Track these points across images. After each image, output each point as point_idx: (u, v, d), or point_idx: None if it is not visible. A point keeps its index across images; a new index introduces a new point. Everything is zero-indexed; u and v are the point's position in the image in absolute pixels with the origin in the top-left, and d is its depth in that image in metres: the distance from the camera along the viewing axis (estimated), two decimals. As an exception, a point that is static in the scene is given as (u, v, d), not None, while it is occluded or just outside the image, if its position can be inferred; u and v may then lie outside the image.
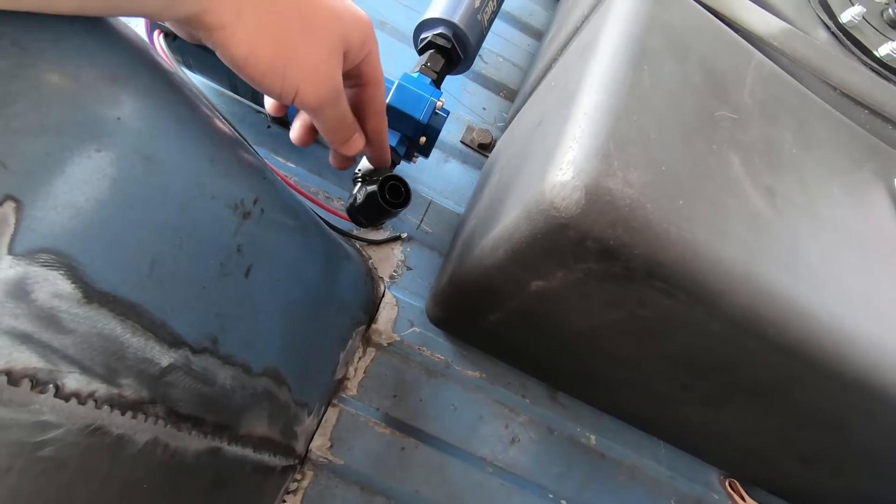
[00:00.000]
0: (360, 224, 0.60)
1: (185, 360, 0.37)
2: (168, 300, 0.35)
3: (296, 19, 0.32)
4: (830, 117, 0.45)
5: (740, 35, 0.45)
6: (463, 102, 0.79)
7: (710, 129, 0.37)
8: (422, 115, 0.57)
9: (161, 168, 0.33)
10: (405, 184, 0.46)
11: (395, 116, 0.58)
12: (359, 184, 0.55)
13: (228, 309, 0.40)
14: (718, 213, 0.34)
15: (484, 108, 0.80)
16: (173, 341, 0.36)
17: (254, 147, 0.55)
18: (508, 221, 0.38)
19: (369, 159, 0.51)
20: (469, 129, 0.77)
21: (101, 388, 0.31)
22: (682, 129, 0.36)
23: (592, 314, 0.41)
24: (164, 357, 0.35)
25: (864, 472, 0.48)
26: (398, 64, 0.78)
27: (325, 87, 0.35)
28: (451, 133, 0.76)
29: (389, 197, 0.46)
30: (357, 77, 0.40)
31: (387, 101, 0.57)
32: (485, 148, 0.75)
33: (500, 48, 0.85)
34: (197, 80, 0.65)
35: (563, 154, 0.33)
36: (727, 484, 0.67)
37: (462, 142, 0.76)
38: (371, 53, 0.38)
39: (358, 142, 0.42)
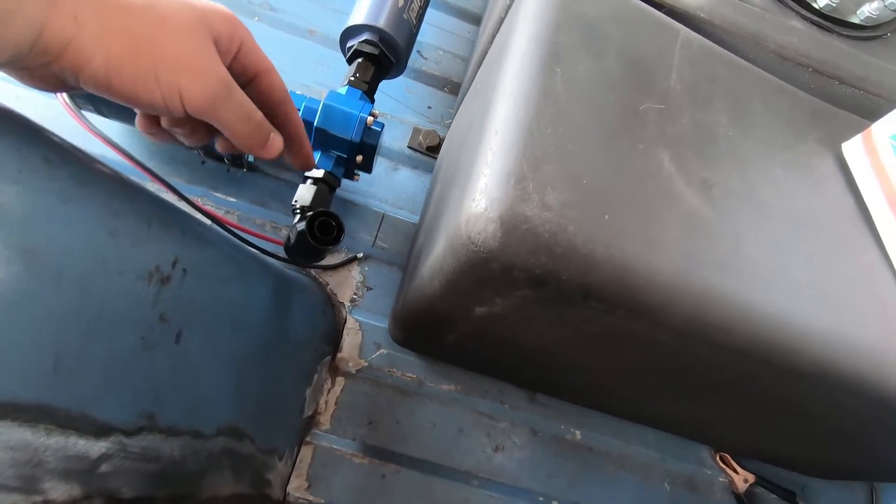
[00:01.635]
0: (300, 263, 0.58)
1: (118, 446, 0.35)
2: (84, 391, 0.33)
3: (145, 13, 0.28)
4: (769, 87, 0.42)
5: (664, 12, 0.42)
6: (406, 104, 0.76)
7: (635, 127, 0.35)
8: (352, 134, 0.54)
9: (47, 257, 0.30)
10: (335, 217, 0.44)
11: (326, 139, 0.55)
12: (297, 216, 0.52)
13: (162, 381, 0.38)
14: (649, 221, 0.32)
15: (429, 107, 0.77)
16: (100, 430, 0.34)
17: (179, 192, 0.53)
18: (437, 253, 0.36)
19: (293, 164, 0.40)
20: (416, 131, 0.74)
21: (20, 501, 0.29)
22: (604, 133, 0.33)
23: (542, 333, 0.40)
24: (93, 448, 0.33)
25: (843, 446, 0.47)
26: (333, 74, 0.75)
27: (211, 78, 0.30)
28: (396, 139, 0.73)
29: (319, 234, 0.43)
30: (241, 73, 0.34)
31: (314, 123, 0.54)
32: (434, 150, 0.72)
33: (438, 40, 0.82)
34: (117, 126, 0.61)
35: (475, 182, 0.31)
36: (718, 458, 0.66)
37: (409, 147, 0.73)
38: (245, 42, 0.33)
39: (276, 141, 0.36)
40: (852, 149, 0.40)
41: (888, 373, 0.33)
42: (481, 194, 0.30)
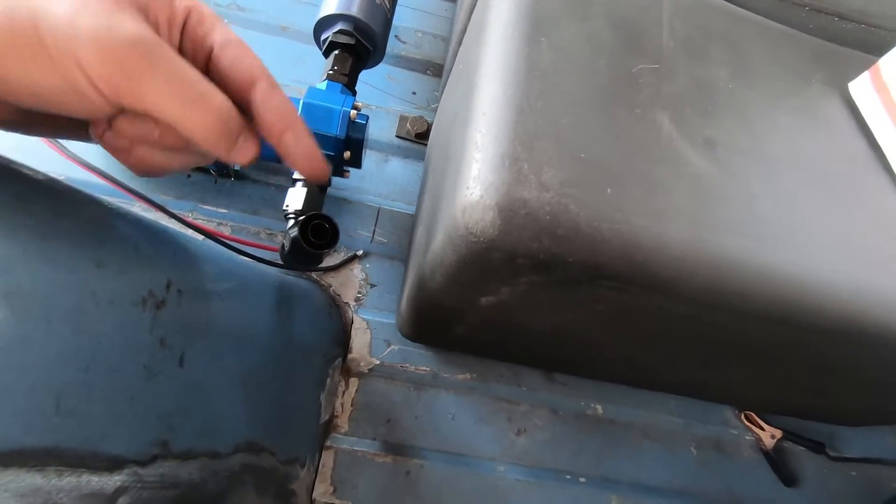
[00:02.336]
0: (298, 269, 0.57)
1: (134, 477, 0.34)
2: (91, 427, 0.32)
3: None
4: (768, 32, 0.40)
5: (649, -35, 0.39)
6: (390, 92, 0.74)
7: (630, 91, 0.33)
8: (337, 130, 0.53)
9: (33, 298, 0.29)
10: (328, 219, 0.42)
11: (310, 138, 0.53)
12: (290, 221, 0.51)
13: (171, 406, 0.37)
14: (654, 189, 0.30)
15: (414, 93, 0.74)
16: (113, 464, 0.33)
17: (166, 209, 0.51)
18: (436, 246, 0.35)
19: (297, 169, 0.27)
20: (402, 119, 0.71)
21: (39, 547, 0.28)
22: (598, 101, 0.32)
23: (553, 316, 0.38)
24: (108, 483, 0.33)
25: (870, 395, 0.46)
26: (312, 71, 0.72)
27: (118, 35, 0.20)
28: (383, 130, 0.71)
29: (314, 238, 0.42)
30: (196, 51, 0.24)
31: (296, 123, 0.52)
32: (423, 137, 0.70)
33: (415, 22, 0.79)
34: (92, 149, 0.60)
35: (467, 168, 0.29)
36: (743, 417, 0.66)
37: (398, 136, 0.71)
38: (194, 9, 0.24)
39: (249, 144, 0.25)
40: (860, 87, 0.38)
41: (918, 321, 0.31)
42: (475, 181, 0.28)
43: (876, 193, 0.35)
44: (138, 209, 0.57)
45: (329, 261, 0.63)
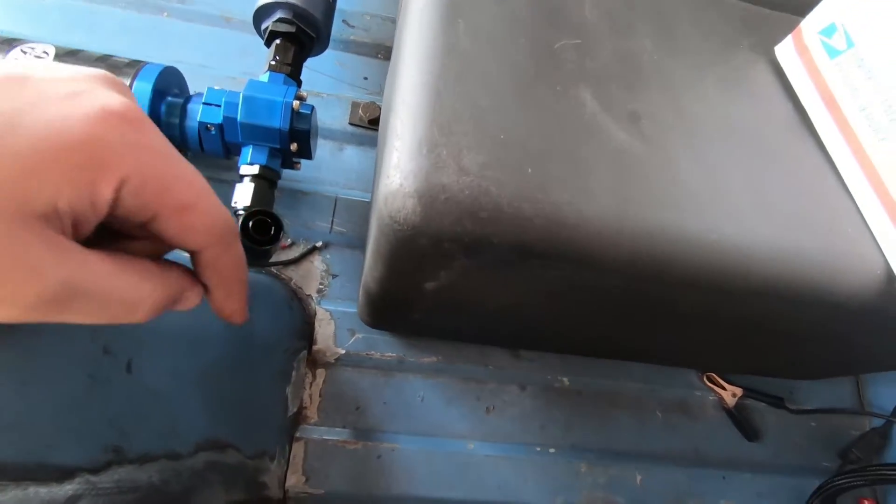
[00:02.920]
0: (251, 266, 0.56)
1: (87, 485, 0.35)
2: (34, 440, 0.32)
3: None
4: (693, 2, 0.40)
5: (572, -64, 0.39)
6: (340, 79, 0.72)
7: (551, 69, 0.33)
8: (280, 123, 0.52)
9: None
10: (270, 214, 0.42)
11: (254, 132, 0.52)
12: (238, 219, 0.50)
13: (122, 412, 0.37)
14: (577, 166, 0.30)
15: (365, 78, 0.73)
16: (62, 475, 0.33)
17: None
18: (372, 235, 0.35)
19: (211, 304, 0.27)
20: (354, 106, 0.71)
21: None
22: (518, 81, 0.32)
23: (497, 295, 0.39)
24: (58, 494, 0.33)
25: (818, 350, 0.48)
26: (259, 62, 0.70)
27: (34, 289, 0.17)
28: (336, 118, 0.70)
29: (256, 235, 0.42)
30: (130, 216, 0.19)
31: (237, 118, 0.52)
32: (376, 122, 0.69)
33: (363, 5, 0.77)
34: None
35: (388, 157, 0.29)
36: (705, 379, 0.68)
37: (351, 123, 0.70)
38: (131, 178, 0.18)
39: (193, 297, 0.24)
40: (784, 51, 0.38)
41: (841, 279, 0.33)
42: (395, 170, 0.28)
43: (799, 155, 0.36)
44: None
45: (288, 254, 0.63)
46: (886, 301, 0.33)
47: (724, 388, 0.67)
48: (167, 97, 0.54)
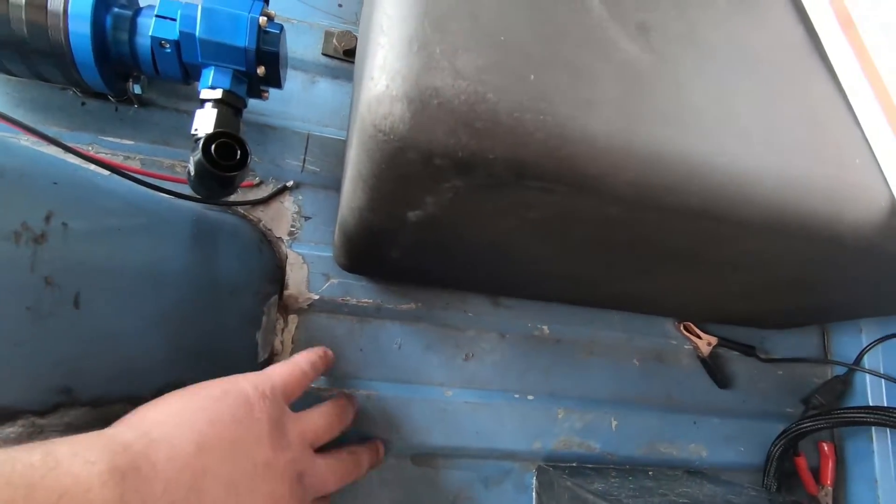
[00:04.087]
0: (215, 200, 0.52)
1: (32, 427, 0.31)
2: (-35, 377, 0.28)
3: None
4: None
5: None
6: (313, 5, 0.66)
7: (556, -32, 0.29)
8: (245, 41, 0.46)
9: None
10: (234, 137, 0.38)
11: (215, 50, 0.47)
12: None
13: (70, 351, 0.34)
14: (581, 77, 0.27)
15: (340, 5, 0.67)
16: (3, 416, 0.30)
17: (59, 142, 0.45)
18: (353, 156, 0.31)
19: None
20: (328, 35, 0.65)
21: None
22: (519, -23, 0.28)
23: (485, 227, 0.36)
24: (-1, 436, 0.29)
25: (796, 295, 0.48)
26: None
27: None
28: (308, 47, 0.64)
29: (220, 160, 0.37)
30: None
31: (196, 34, 0.46)
32: (351, 54, 0.64)
33: (337, -78, 0.70)
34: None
35: (372, 57, 0.26)
36: (682, 328, 0.68)
37: (325, 54, 0.64)
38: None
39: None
40: (800, -29, 0.35)
41: (842, 209, 0.31)
42: (380, 71, 0.25)
43: (808, 81, 0.34)
44: (26, 143, 0.50)
45: (257, 193, 0.58)
46: (887, 235, 0.32)
47: (699, 337, 0.68)
48: (113, 8, 0.48)
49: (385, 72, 0.25)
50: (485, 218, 0.34)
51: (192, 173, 0.40)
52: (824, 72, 0.34)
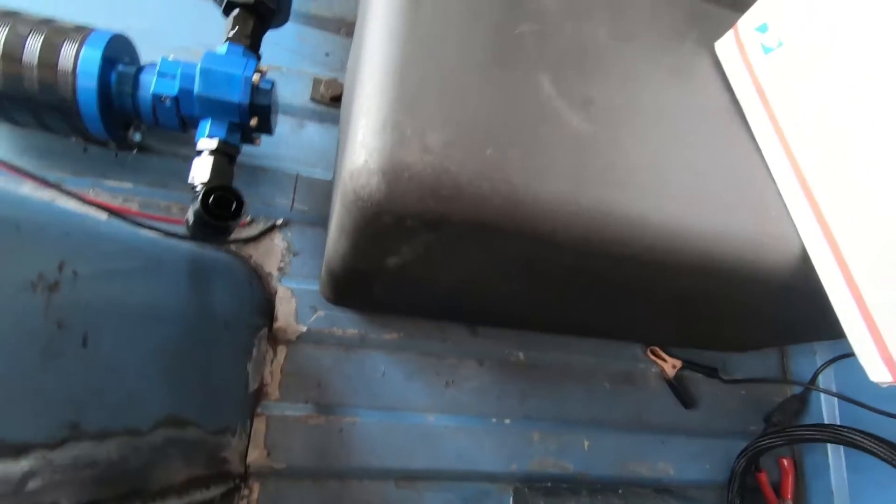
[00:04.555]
0: (211, 243, 0.56)
1: (43, 461, 0.34)
2: (-14, 415, 0.31)
3: None
4: (646, -7, 0.42)
5: (534, -76, 0.40)
6: (302, 54, 0.71)
7: (512, 54, 0.34)
8: (239, 97, 0.51)
9: None
10: (230, 190, 0.42)
11: (212, 106, 0.51)
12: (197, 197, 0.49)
13: (79, 388, 0.37)
14: (533, 148, 0.32)
15: (327, 54, 0.72)
16: (17, 450, 0.33)
17: (61, 187, 0.48)
18: (337, 211, 0.36)
19: None
20: (316, 82, 0.70)
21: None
22: (479, 64, 0.33)
23: (459, 269, 0.41)
24: (13, 469, 0.32)
25: (749, 323, 0.53)
26: (217, 29, 0.68)
27: None
28: (297, 93, 0.69)
29: (217, 210, 0.41)
30: None
31: (194, 91, 0.50)
32: (338, 100, 0.69)
33: (324, -22, 0.75)
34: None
35: (354, 134, 0.30)
36: (649, 352, 0.73)
37: (312, 99, 0.69)
38: None
39: None
40: (724, 46, 0.41)
41: (761, 256, 0.36)
42: (361, 147, 0.29)
43: (730, 141, 0.39)
44: (28, 189, 0.54)
45: (248, 231, 0.62)
46: (801, 277, 0.37)
47: (665, 361, 0.72)
48: (118, 66, 0.52)
49: (364, 148, 0.29)
50: (455, 263, 0.38)
51: (191, 222, 0.44)
52: (746, 134, 0.39)
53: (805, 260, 0.36)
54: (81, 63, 0.49)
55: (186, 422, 0.47)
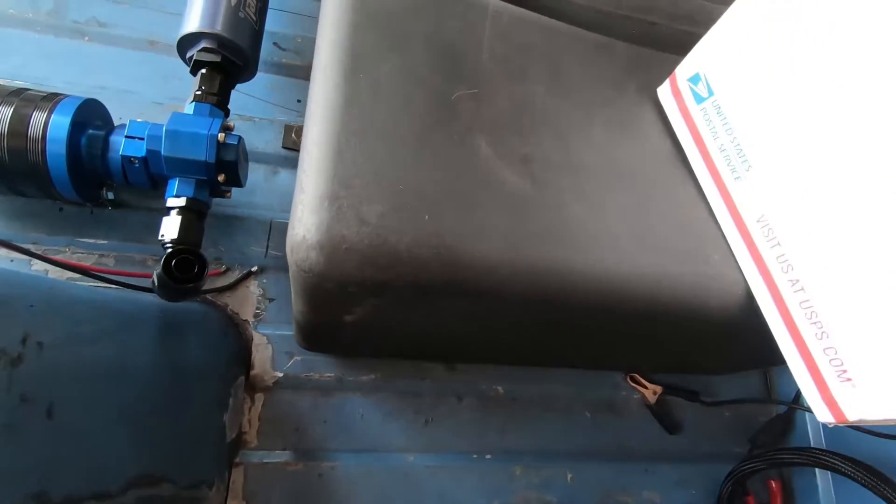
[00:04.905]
0: (180, 300, 0.57)
1: (7, 535, 0.35)
2: (-53, 496, 0.32)
3: None
4: (584, 45, 0.44)
5: (473, -13, 0.42)
6: (273, 102, 0.73)
7: (448, 119, 0.36)
8: (205, 156, 0.52)
9: None
10: (195, 253, 0.43)
11: (178, 165, 0.53)
12: (168, 250, 0.51)
13: (43, 459, 0.37)
14: (471, 211, 0.33)
15: (298, 101, 0.74)
16: (-20, 527, 0.34)
17: (30, 251, 0.49)
18: (291, 274, 0.37)
19: None
20: (288, 129, 0.71)
21: None
22: (416, 132, 0.34)
23: (414, 322, 0.42)
24: (-23, 547, 0.33)
25: (713, 352, 0.53)
26: (186, 85, 0.70)
27: None
28: (269, 142, 0.70)
29: (180, 273, 0.42)
30: None
31: (161, 152, 0.52)
32: (309, 146, 0.70)
33: (294, 27, 0.78)
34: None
35: (294, 210, 0.31)
36: (629, 379, 0.73)
37: (284, 147, 0.71)
38: None
39: None
40: (664, 93, 0.42)
41: (706, 298, 0.37)
42: (299, 222, 0.30)
43: (675, 189, 0.40)
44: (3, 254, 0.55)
45: (224, 280, 0.63)
46: (747, 315, 0.37)
47: (645, 387, 0.72)
48: (88, 130, 0.53)
49: (302, 224, 0.30)
50: (408, 318, 0.39)
51: (157, 284, 0.45)
52: (688, 179, 0.41)
53: (751, 299, 0.37)
54: (50, 130, 0.51)
55: (160, 479, 0.47)
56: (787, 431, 0.76)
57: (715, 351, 0.49)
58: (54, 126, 0.51)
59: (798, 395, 0.74)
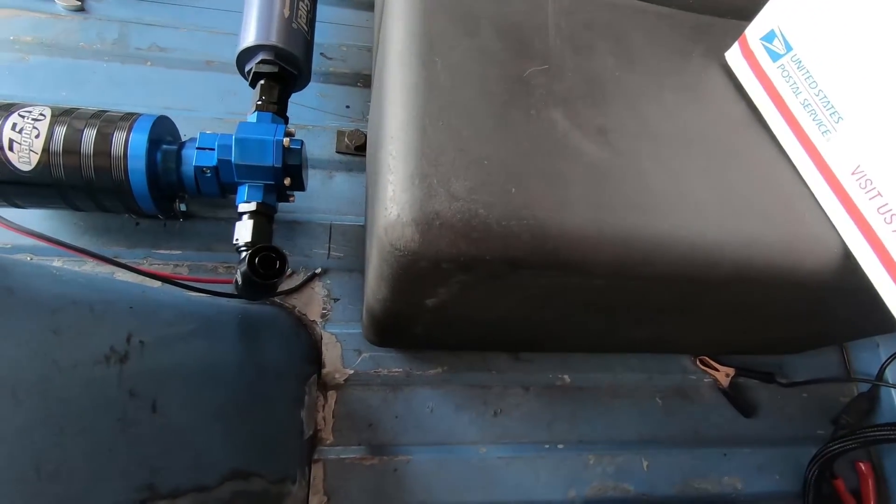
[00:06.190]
0: (258, 299, 0.59)
1: (124, 524, 0.37)
2: (74, 485, 0.34)
3: None
4: (647, 17, 0.43)
5: (530, -30, 0.42)
6: (325, 110, 0.75)
7: (523, 95, 0.36)
8: (272, 161, 0.54)
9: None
10: (274, 249, 0.44)
11: (249, 172, 0.55)
12: (243, 254, 0.53)
13: (151, 451, 0.39)
14: (554, 182, 0.33)
15: (348, 107, 0.76)
16: (102, 516, 0.35)
17: (116, 262, 0.52)
18: (374, 261, 0.38)
19: None
20: (340, 134, 0.73)
21: None
22: (495, 109, 0.35)
23: (493, 305, 0.42)
24: (100, 534, 0.35)
25: (795, 325, 0.51)
26: (243, 101, 0.73)
27: None
28: (324, 147, 0.72)
29: (263, 270, 0.44)
30: None
31: (232, 160, 0.54)
32: (362, 149, 0.72)
33: (338, 37, 0.80)
34: (34, 213, 0.60)
35: (384, 190, 0.32)
36: (699, 362, 0.71)
37: (338, 151, 0.73)
38: None
39: None
40: (733, 56, 0.42)
41: (799, 260, 0.36)
42: (392, 202, 0.31)
43: (755, 151, 0.39)
44: (90, 267, 0.58)
45: (289, 283, 0.65)
46: (845, 276, 0.36)
47: (716, 370, 0.70)
48: (162, 145, 0.56)
49: (395, 203, 0.31)
50: (491, 299, 0.40)
51: (240, 282, 0.47)
52: (768, 141, 0.40)
53: (848, 258, 0.36)
54: (131, 147, 0.54)
55: (250, 473, 0.49)
56: (872, 410, 0.72)
57: (803, 319, 0.48)
58: (133, 144, 0.54)
59: (882, 370, 0.71)
